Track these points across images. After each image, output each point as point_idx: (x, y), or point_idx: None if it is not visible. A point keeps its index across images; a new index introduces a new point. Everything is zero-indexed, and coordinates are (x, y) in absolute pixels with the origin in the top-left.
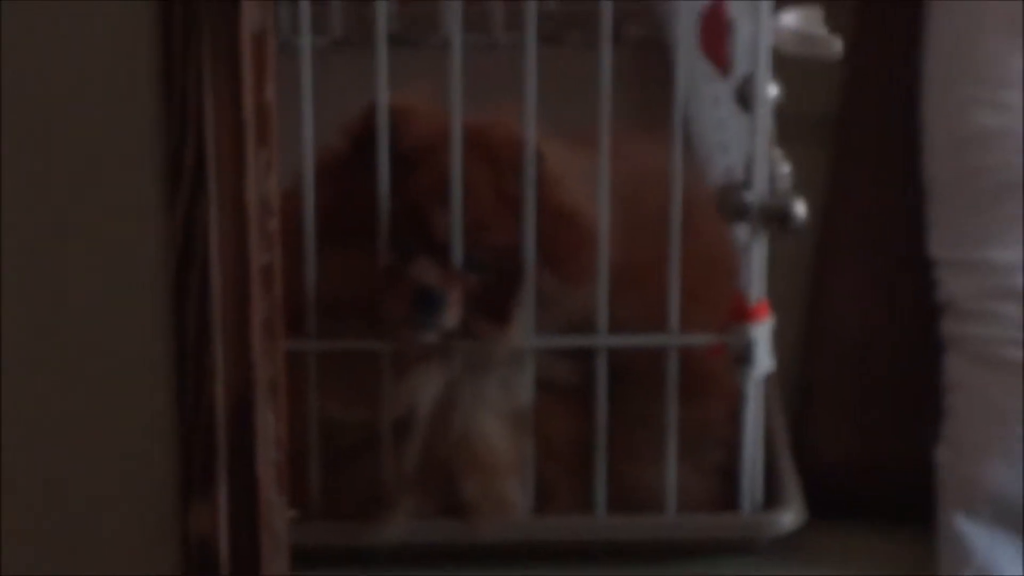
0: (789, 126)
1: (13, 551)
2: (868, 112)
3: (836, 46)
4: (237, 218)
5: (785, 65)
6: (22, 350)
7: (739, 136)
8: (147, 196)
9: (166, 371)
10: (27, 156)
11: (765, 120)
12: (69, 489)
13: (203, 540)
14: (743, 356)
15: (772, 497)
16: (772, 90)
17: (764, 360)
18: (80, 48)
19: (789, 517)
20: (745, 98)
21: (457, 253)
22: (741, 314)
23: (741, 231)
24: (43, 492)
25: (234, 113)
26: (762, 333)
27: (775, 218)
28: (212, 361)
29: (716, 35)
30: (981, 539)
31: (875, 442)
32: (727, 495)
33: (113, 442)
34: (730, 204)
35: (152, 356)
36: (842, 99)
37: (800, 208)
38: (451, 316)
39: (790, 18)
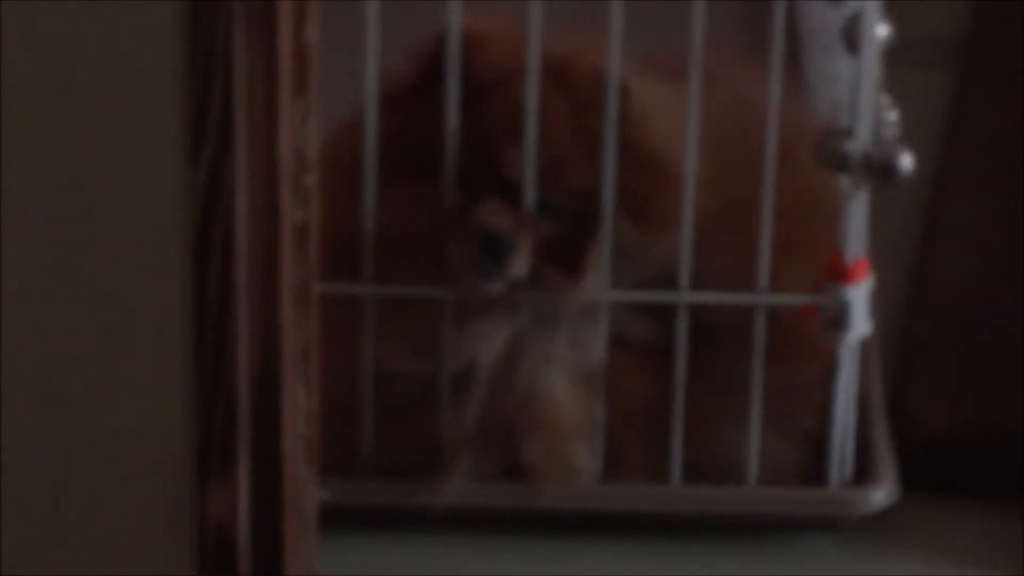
0: (912, 49)
1: (17, 537)
2: (994, 39)
3: None
4: (268, 173)
5: None
6: (33, 314)
7: (846, 77)
8: (170, 148)
9: (185, 338)
10: (36, 108)
11: (872, 63)
12: (75, 469)
13: (220, 527)
14: (837, 319)
15: (863, 471)
16: (881, 31)
17: (861, 324)
18: None
19: (880, 494)
20: (851, 39)
21: (529, 195)
22: (837, 273)
23: (843, 182)
24: (46, 474)
25: (268, 56)
26: (859, 295)
27: (879, 170)
28: (235, 327)
29: None
30: None
31: (981, 410)
32: (815, 466)
33: (125, 415)
34: (830, 153)
35: (171, 321)
36: (968, 25)
37: (906, 160)
38: (520, 264)
39: None
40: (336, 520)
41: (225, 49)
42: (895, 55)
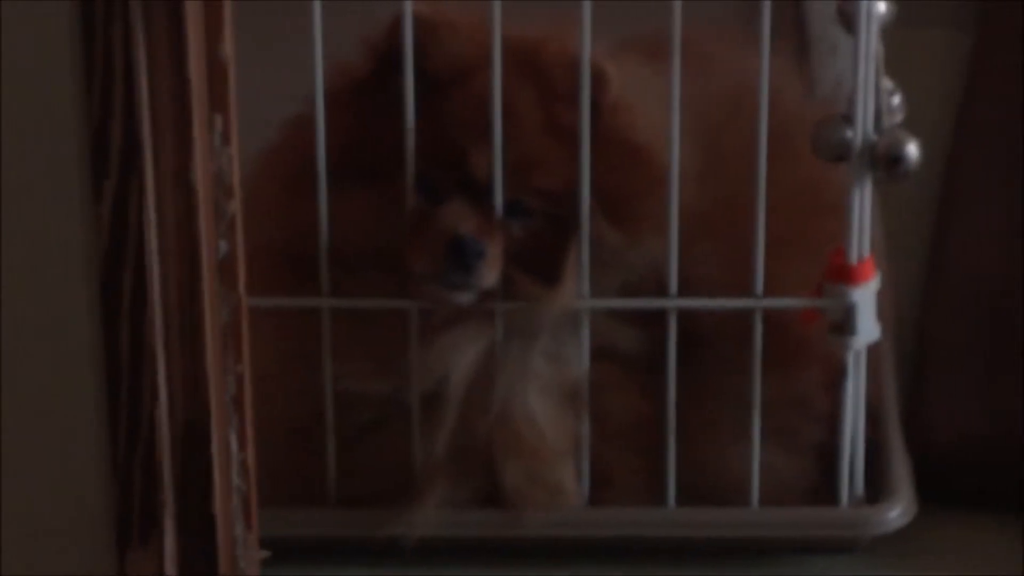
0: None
1: None
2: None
3: None
4: (183, 202)
5: None
6: None
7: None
8: (69, 180)
9: (98, 393)
10: None
11: (872, 43)
12: None
13: None
14: (842, 323)
15: (877, 487)
16: (880, 6)
17: (867, 328)
18: None
19: (895, 513)
20: (848, 16)
21: (498, 197)
22: (840, 274)
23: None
24: None
25: (176, 73)
26: (865, 296)
27: (882, 161)
28: (152, 378)
29: None
30: None
31: (1003, 418)
32: (825, 484)
33: (36, 479)
34: (827, 142)
35: (80, 374)
36: None
37: (913, 149)
38: (490, 272)
39: None
40: (302, 553)
41: (125, 68)
42: (908, 16)
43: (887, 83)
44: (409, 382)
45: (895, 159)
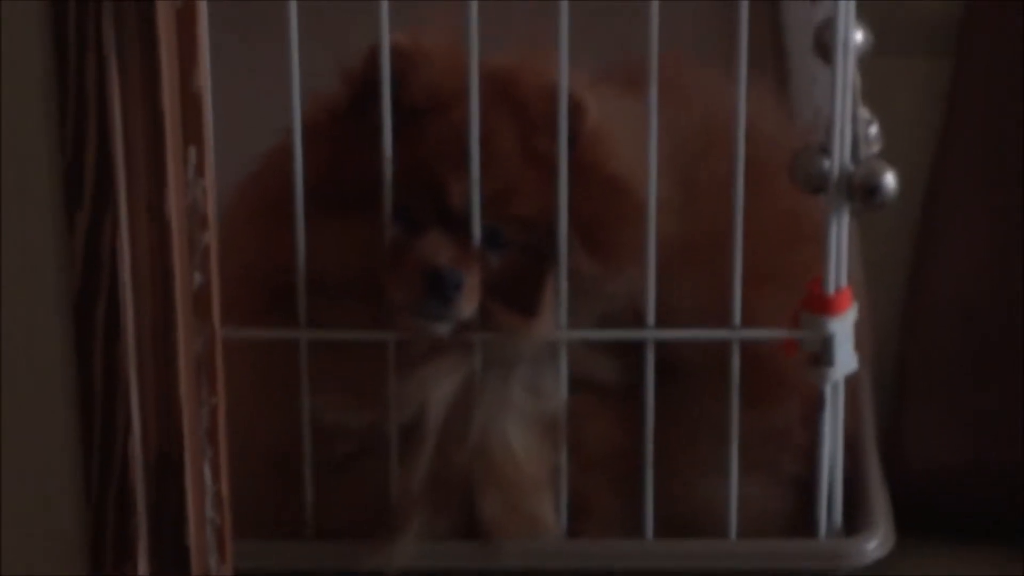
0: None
1: None
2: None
3: None
4: (157, 234)
5: None
6: None
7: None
8: (43, 212)
9: (71, 427)
10: None
11: (848, 72)
12: None
13: None
14: (819, 354)
15: (855, 518)
16: (857, 36)
17: (845, 358)
18: None
19: (873, 544)
20: (825, 45)
21: (476, 227)
22: (818, 305)
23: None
24: None
25: (149, 106)
26: (842, 327)
27: (859, 191)
28: (126, 411)
29: None
30: None
31: (985, 445)
32: (803, 515)
33: (12, 510)
34: (805, 173)
35: (56, 407)
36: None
37: (890, 179)
38: (468, 303)
39: None
40: None
41: (99, 100)
42: (887, 42)
43: (864, 113)
44: (387, 414)
45: (872, 189)
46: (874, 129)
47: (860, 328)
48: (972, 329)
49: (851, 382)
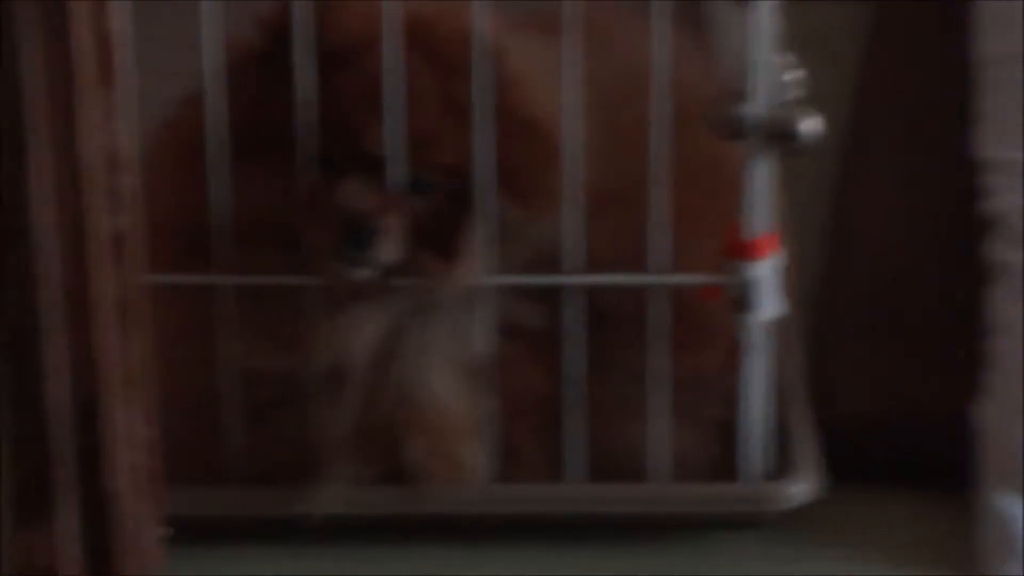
0: None
1: None
2: None
3: None
4: (71, 178)
5: None
6: None
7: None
8: None
9: None
10: None
11: (767, 16)
12: None
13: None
14: (741, 300)
15: (782, 462)
16: None
17: (769, 304)
18: None
19: (801, 488)
20: None
21: (395, 173)
22: (738, 250)
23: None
24: None
25: (62, 48)
26: (765, 272)
27: (778, 137)
28: (42, 358)
29: None
30: None
31: (903, 394)
32: (729, 459)
33: None
34: (722, 119)
35: None
36: None
37: (809, 124)
38: (387, 249)
39: None
40: (205, 533)
41: (9, 44)
42: None
43: (784, 58)
44: (308, 360)
45: (789, 135)
46: (794, 74)
47: (788, 275)
48: (893, 277)
49: (779, 328)
